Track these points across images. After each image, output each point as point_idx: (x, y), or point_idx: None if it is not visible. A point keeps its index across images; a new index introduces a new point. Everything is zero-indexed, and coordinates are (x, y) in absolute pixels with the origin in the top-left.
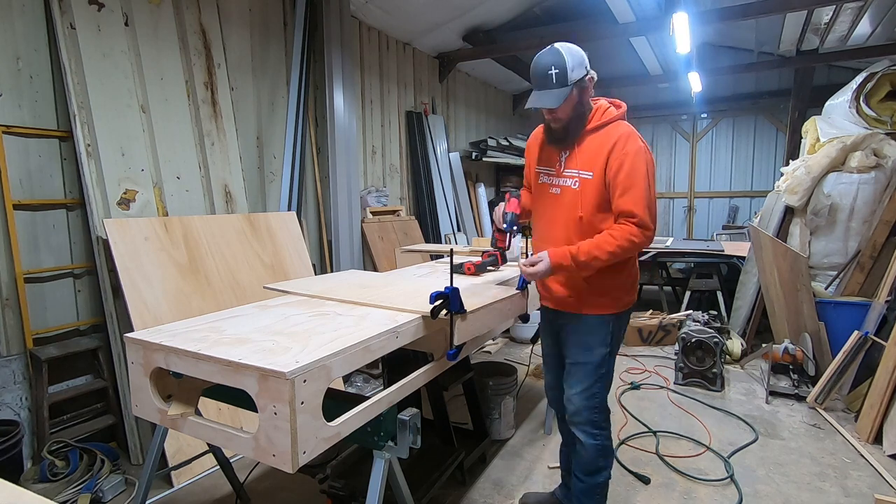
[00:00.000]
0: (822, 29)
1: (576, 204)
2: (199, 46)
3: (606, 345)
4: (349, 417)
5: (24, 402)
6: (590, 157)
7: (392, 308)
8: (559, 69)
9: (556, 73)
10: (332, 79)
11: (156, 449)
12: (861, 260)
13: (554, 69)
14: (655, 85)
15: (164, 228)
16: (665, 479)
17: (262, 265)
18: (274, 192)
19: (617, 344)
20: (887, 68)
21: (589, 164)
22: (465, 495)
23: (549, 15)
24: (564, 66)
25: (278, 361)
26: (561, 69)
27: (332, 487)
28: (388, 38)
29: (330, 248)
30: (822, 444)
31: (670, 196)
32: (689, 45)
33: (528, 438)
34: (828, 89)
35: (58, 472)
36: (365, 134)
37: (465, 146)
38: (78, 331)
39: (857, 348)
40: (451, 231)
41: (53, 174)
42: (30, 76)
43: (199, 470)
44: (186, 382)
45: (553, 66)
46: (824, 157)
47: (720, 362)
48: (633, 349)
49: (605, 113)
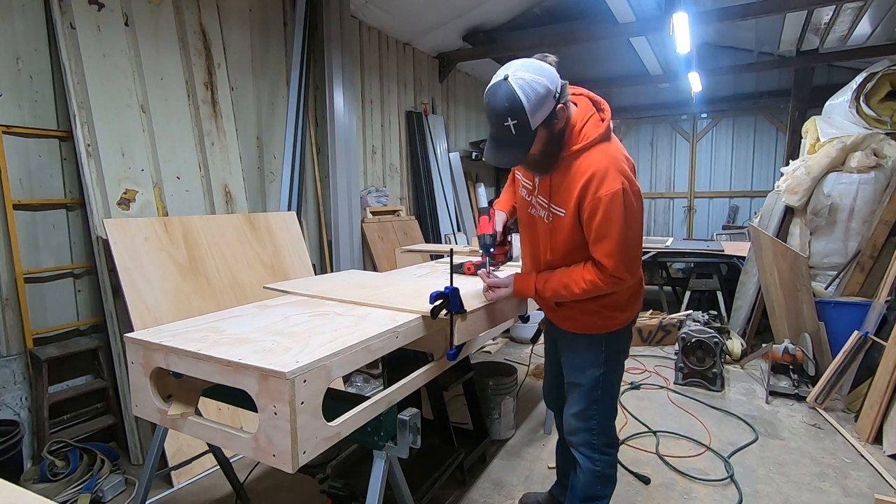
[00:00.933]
0: (822, 29)
1: (545, 239)
2: (199, 46)
3: (598, 366)
4: (349, 417)
5: (24, 402)
6: (563, 190)
7: (392, 308)
8: (517, 118)
9: (514, 125)
10: (332, 79)
11: (156, 449)
12: (861, 260)
13: (510, 120)
14: (655, 85)
15: (164, 228)
16: (665, 479)
17: (262, 265)
18: (274, 192)
19: (615, 364)
20: (887, 68)
21: (561, 199)
22: (465, 495)
23: (549, 15)
24: (523, 113)
25: (278, 361)
26: (519, 118)
27: (332, 487)
28: (388, 38)
29: (330, 248)
30: (822, 444)
31: (670, 196)
32: (689, 45)
33: (528, 438)
34: (828, 89)
35: (58, 472)
36: (365, 134)
37: (465, 146)
38: (78, 331)
39: (857, 348)
40: (451, 231)
41: (53, 174)
42: (30, 76)
43: (199, 470)
44: (186, 382)
45: (508, 117)
46: (824, 157)
47: (720, 362)
48: (633, 349)
49: (583, 134)
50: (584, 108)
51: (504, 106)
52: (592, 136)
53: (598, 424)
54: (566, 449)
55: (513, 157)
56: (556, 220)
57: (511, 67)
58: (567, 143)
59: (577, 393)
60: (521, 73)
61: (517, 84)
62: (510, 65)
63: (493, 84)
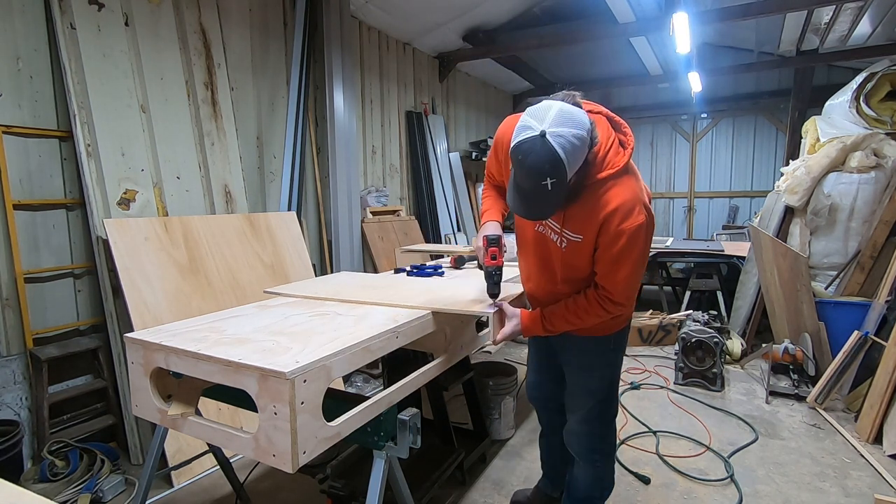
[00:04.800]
0: (822, 29)
1: (557, 262)
2: (199, 46)
3: (607, 365)
4: (349, 417)
5: (24, 402)
6: (581, 218)
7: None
8: (556, 177)
9: (552, 183)
10: (332, 79)
11: (156, 449)
12: (861, 260)
13: (549, 179)
14: (655, 85)
15: (164, 228)
16: (665, 479)
17: (262, 265)
18: (274, 192)
19: (620, 363)
20: (887, 68)
21: (578, 226)
22: (465, 495)
23: (548, 15)
24: (564, 173)
25: (278, 361)
26: (559, 177)
27: (332, 487)
28: (388, 38)
29: (330, 248)
30: (822, 444)
31: (670, 196)
32: (689, 45)
33: (528, 438)
34: (828, 89)
35: (58, 472)
36: (365, 134)
37: (465, 146)
38: (78, 331)
39: (857, 348)
40: (451, 231)
41: (53, 174)
42: (30, 76)
43: (199, 470)
44: (186, 382)
45: (548, 177)
46: (824, 157)
47: (720, 362)
48: (633, 349)
49: (606, 162)
50: (604, 132)
51: (544, 168)
52: (616, 167)
53: (601, 425)
54: (551, 443)
55: (545, 212)
56: (572, 246)
57: (546, 120)
58: (589, 171)
59: (585, 395)
60: (558, 128)
61: (557, 143)
62: (543, 115)
63: (528, 140)
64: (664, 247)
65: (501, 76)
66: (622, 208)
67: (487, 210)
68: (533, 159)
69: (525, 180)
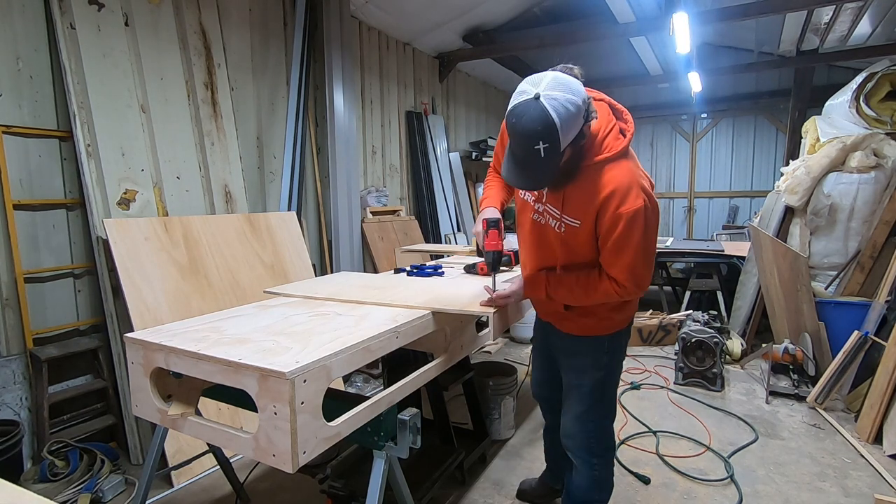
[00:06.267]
0: (822, 29)
1: (557, 248)
2: (199, 46)
3: (600, 368)
4: (349, 417)
5: (24, 402)
6: (579, 202)
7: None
8: (548, 142)
9: (545, 149)
10: (332, 79)
11: (156, 449)
12: (861, 260)
13: (541, 143)
14: (655, 85)
15: (164, 228)
16: (665, 479)
17: (262, 265)
18: (274, 192)
19: (616, 366)
20: (887, 68)
21: (576, 210)
22: (465, 495)
23: (548, 15)
24: (556, 136)
25: (278, 361)
26: (551, 141)
27: (332, 487)
28: (388, 38)
29: (330, 248)
30: (822, 444)
31: (670, 196)
32: (689, 45)
33: (528, 438)
34: (828, 89)
35: (58, 472)
36: (365, 134)
37: (465, 146)
38: (78, 331)
39: (857, 348)
40: (451, 231)
41: (53, 174)
42: (30, 76)
43: (199, 470)
44: (186, 382)
45: (540, 140)
46: (824, 157)
47: (720, 362)
48: (633, 349)
49: (604, 145)
50: (604, 117)
51: (536, 129)
52: (615, 150)
53: (596, 427)
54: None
55: (538, 180)
56: (571, 231)
57: (541, 84)
58: (587, 153)
59: (577, 395)
60: (552, 91)
61: (550, 105)
62: (539, 80)
63: (522, 103)
64: (664, 247)
65: (501, 76)
66: (619, 191)
67: (487, 198)
68: (526, 121)
69: (518, 146)
